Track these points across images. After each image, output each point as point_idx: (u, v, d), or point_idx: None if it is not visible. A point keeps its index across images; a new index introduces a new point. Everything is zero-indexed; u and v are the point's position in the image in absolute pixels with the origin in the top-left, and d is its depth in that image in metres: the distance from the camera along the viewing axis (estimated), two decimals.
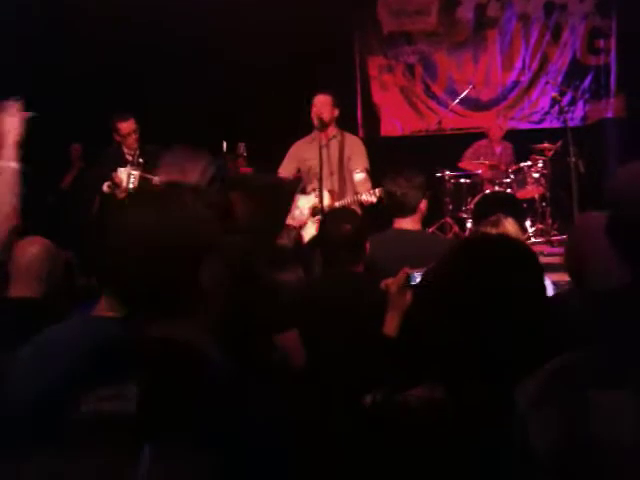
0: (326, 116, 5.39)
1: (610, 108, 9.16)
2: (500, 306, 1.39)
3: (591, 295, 2.30)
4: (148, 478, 1.08)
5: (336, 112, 5.52)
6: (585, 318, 2.00)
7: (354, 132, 6.67)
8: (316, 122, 5.35)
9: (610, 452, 0.89)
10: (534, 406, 0.97)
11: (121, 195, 5.66)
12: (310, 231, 4.49)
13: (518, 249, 1.51)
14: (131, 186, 5.71)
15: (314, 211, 5.40)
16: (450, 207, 7.79)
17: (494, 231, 3.34)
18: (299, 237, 3.72)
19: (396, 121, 9.35)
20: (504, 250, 1.49)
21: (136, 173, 5.77)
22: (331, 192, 5.35)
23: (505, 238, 1.95)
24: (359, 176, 5.34)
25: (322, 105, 5.44)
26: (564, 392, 0.96)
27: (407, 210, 3.47)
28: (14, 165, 2.14)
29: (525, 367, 1.26)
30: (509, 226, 3.50)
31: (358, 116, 9.14)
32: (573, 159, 6.80)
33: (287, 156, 5.66)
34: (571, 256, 2.57)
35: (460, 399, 1.37)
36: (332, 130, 5.50)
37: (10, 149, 2.14)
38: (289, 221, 5.30)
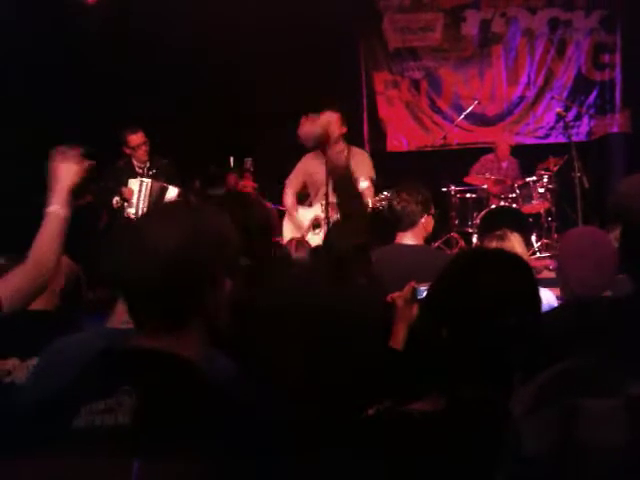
0: (335, 133, 5.40)
1: (615, 123, 9.19)
2: (494, 314, 1.42)
3: (588, 304, 2.33)
4: None
5: (344, 129, 5.54)
6: (581, 327, 2.02)
7: (360, 148, 6.70)
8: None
9: (602, 456, 0.90)
10: (530, 412, 0.99)
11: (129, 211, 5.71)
12: (311, 242, 4.53)
13: (513, 260, 1.54)
14: (143, 196, 5.77)
15: (314, 223, 5.44)
16: (456, 222, 7.80)
17: (500, 245, 3.36)
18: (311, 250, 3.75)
19: (402, 136, 9.40)
20: (499, 261, 1.52)
21: (148, 181, 5.84)
22: (333, 205, 5.38)
23: (501, 250, 1.99)
24: (362, 184, 5.38)
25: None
26: (559, 398, 0.98)
27: (406, 225, 3.49)
28: (62, 212, 2.08)
29: (520, 375, 1.29)
30: (515, 240, 3.52)
31: (364, 131, 9.19)
32: (578, 174, 6.82)
33: (295, 170, 5.70)
34: (557, 266, 2.69)
35: (460, 408, 1.39)
36: (339, 145, 5.52)
37: (60, 194, 2.09)
38: (295, 234, 5.34)
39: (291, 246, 3.75)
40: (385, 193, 4.90)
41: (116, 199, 5.79)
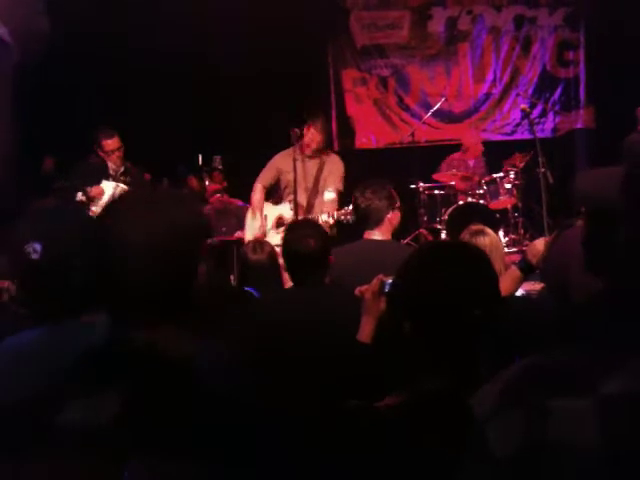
0: (315, 148, 5.48)
1: (580, 119, 9.32)
2: (456, 306, 1.43)
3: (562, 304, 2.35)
4: None
5: (323, 141, 5.61)
6: (551, 324, 2.04)
7: (329, 145, 6.72)
8: (293, 137, 5.41)
9: (572, 459, 0.88)
10: (494, 412, 0.96)
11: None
12: (273, 241, 4.54)
13: (473, 253, 1.55)
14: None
15: (278, 222, 5.45)
16: (425, 218, 7.85)
17: (488, 241, 3.39)
18: (273, 251, 3.70)
19: (370, 134, 9.43)
20: (458, 253, 1.53)
21: (125, 188, 5.77)
22: (300, 207, 5.39)
23: (461, 243, 1.99)
24: (329, 195, 5.40)
25: (313, 139, 5.47)
26: (524, 397, 0.94)
27: (373, 222, 3.53)
28: None
29: (483, 368, 1.30)
30: (493, 235, 3.55)
31: (333, 129, 9.19)
32: (542, 170, 6.90)
33: (267, 166, 5.71)
34: (553, 271, 2.60)
35: (419, 403, 1.40)
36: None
37: None
38: (256, 233, 5.35)
39: (248, 248, 3.67)
40: (349, 208, 4.92)
41: (79, 194, 5.66)
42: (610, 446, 0.87)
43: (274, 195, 5.73)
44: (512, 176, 7.62)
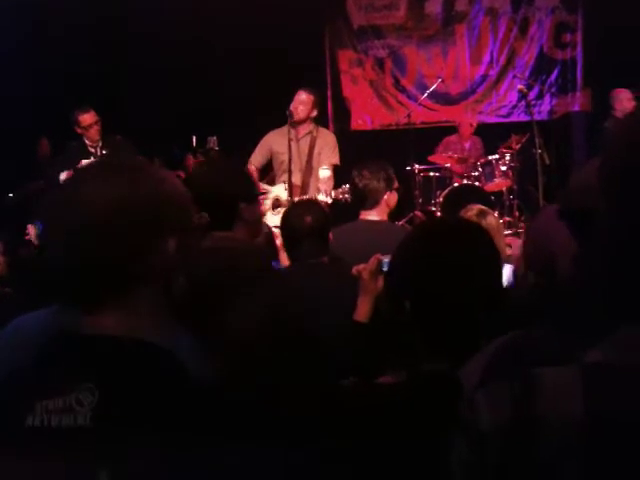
0: (300, 115, 5.41)
1: (576, 102, 9.28)
2: (457, 283, 1.42)
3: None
4: None
5: (315, 112, 5.55)
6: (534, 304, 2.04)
7: (324, 126, 6.69)
8: (288, 116, 5.38)
9: (560, 427, 0.89)
10: (479, 386, 0.96)
11: None
12: (271, 222, 4.52)
13: (473, 229, 1.55)
14: None
15: (275, 204, 5.43)
16: (420, 200, 7.84)
17: (490, 220, 3.39)
18: (269, 232, 3.69)
19: (366, 115, 9.39)
20: (458, 230, 1.52)
21: None
22: (296, 187, 5.36)
23: (460, 219, 1.98)
24: (323, 173, 5.37)
25: (300, 102, 5.45)
26: (508, 369, 0.95)
27: (369, 202, 3.52)
28: None
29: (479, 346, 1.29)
30: (495, 215, 3.56)
31: (328, 110, 9.14)
32: (539, 151, 6.89)
33: (259, 145, 5.67)
34: (536, 252, 2.58)
35: (416, 381, 1.40)
36: (307, 126, 5.52)
37: None
38: None
39: None
40: (346, 186, 4.88)
41: (66, 174, 5.61)
42: (594, 412, 0.88)
43: (266, 175, 5.70)
44: (508, 158, 7.60)
